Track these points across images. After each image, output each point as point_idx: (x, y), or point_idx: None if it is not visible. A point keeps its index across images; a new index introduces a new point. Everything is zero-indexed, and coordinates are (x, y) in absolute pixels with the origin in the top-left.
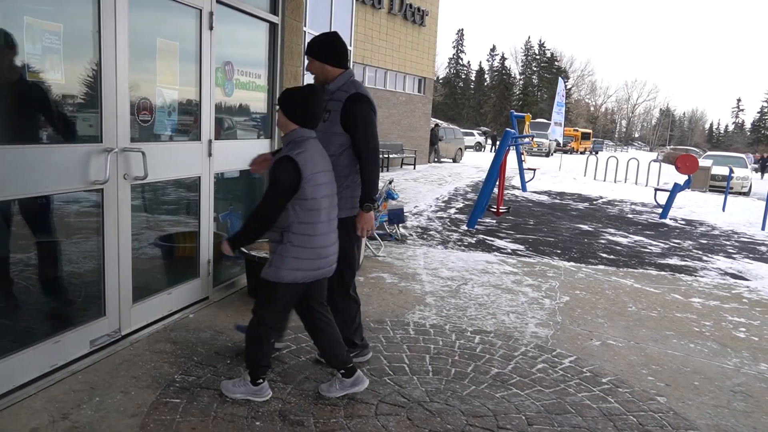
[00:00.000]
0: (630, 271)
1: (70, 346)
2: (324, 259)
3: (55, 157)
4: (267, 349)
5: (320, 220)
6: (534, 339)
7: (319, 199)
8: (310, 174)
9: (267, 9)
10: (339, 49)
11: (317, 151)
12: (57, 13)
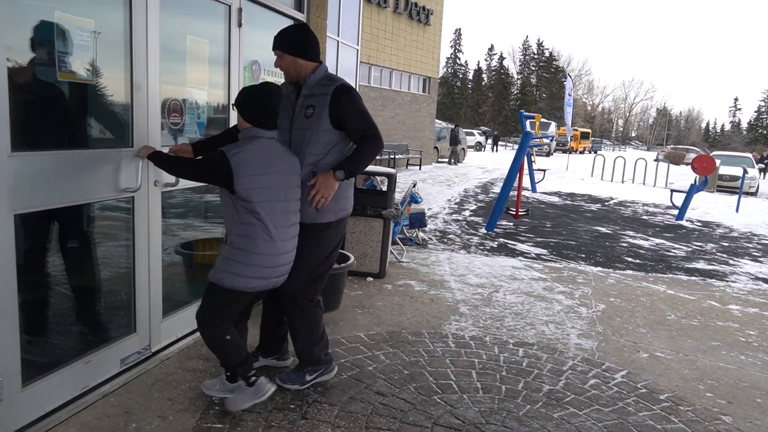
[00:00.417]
0: (659, 276)
1: (100, 366)
2: (269, 269)
3: (86, 164)
4: (232, 347)
5: (260, 224)
6: (579, 351)
7: (257, 203)
8: (244, 176)
9: (292, 6)
10: (313, 42)
11: (267, 151)
12: (87, 8)
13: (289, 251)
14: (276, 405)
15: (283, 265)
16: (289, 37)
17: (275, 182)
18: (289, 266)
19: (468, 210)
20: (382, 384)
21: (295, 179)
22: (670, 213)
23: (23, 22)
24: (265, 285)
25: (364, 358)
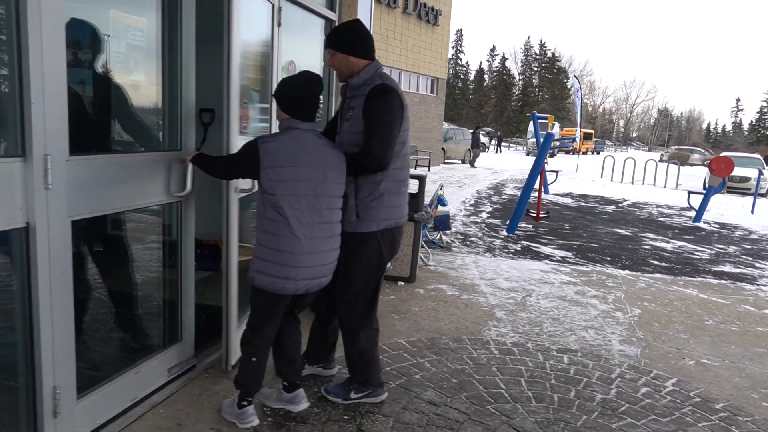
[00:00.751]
0: (689, 280)
1: (149, 376)
2: (294, 269)
3: (138, 168)
4: (251, 367)
5: (283, 220)
6: (625, 359)
7: (280, 196)
8: (269, 166)
9: (324, 4)
10: (365, 38)
11: (300, 143)
12: (138, 7)
13: (319, 252)
14: (330, 416)
15: (313, 266)
16: (339, 34)
17: (303, 176)
18: (323, 269)
19: (484, 212)
20: (432, 393)
21: (331, 175)
22: (685, 215)
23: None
24: (293, 287)
25: (410, 366)
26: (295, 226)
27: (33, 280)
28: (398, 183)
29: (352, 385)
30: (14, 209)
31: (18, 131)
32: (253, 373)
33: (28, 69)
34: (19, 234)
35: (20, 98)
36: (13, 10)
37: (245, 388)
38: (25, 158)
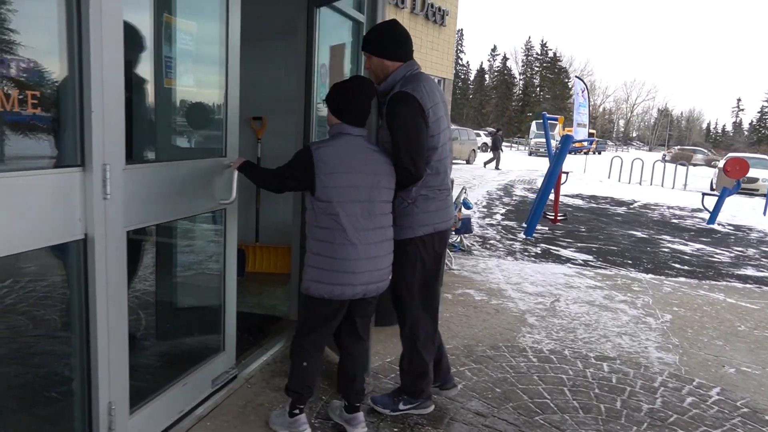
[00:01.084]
0: (714, 284)
1: (195, 389)
2: (351, 274)
3: (187, 176)
4: (302, 373)
5: (340, 227)
6: (664, 366)
7: (337, 203)
8: (324, 173)
9: (353, 6)
10: (398, 39)
11: (352, 149)
12: (189, 9)
13: (375, 257)
14: (377, 428)
15: (370, 271)
16: (372, 37)
17: (358, 182)
18: (379, 273)
19: (498, 213)
20: (477, 403)
21: (383, 181)
22: (698, 216)
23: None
24: (351, 292)
25: (451, 375)
26: (351, 233)
27: (90, 294)
28: (432, 189)
29: (402, 396)
30: (73, 220)
31: (77, 140)
32: (304, 379)
33: (89, 75)
34: (76, 246)
35: (80, 106)
36: (75, 17)
37: (297, 395)
38: (84, 168)
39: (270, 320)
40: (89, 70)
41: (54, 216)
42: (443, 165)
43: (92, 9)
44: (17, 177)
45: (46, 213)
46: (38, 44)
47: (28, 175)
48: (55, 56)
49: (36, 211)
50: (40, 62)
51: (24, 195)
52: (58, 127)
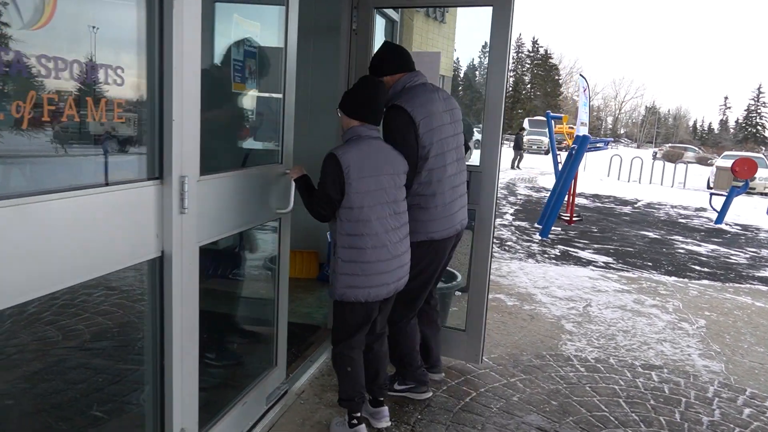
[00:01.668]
0: (738, 287)
1: (253, 407)
2: (386, 274)
3: (250, 185)
4: (349, 379)
5: (372, 232)
6: (713, 375)
7: (368, 207)
8: (355, 179)
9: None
10: (389, 55)
11: (374, 150)
12: (254, 12)
13: (401, 254)
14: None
15: (400, 267)
16: (373, 61)
17: (385, 183)
18: (404, 269)
19: (507, 213)
20: (537, 418)
21: (401, 178)
22: (703, 216)
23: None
24: (386, 291)
25: (502, 387)
26: (382, 236)
27: (166, 317)
28: (425, 198)
29: (397, 377)
30: (150, 237)
31: (155, 151)
32: (353, 385)
33: (171, 85)
34: (152, 264)
35: (159, 116)
36: (156, 28)
37: (351, 402)
38: (162, 181)
39: (308, 329)
40: (170, 79)
41: (133, 233)
42: (435, 175)
43: (175, 19)
44: (96, 194)
45: (126, 230)
46: (121, 54)
47: (108, 191)
48: (136, 65)
49: (115, 229)
50: (125, 72)
51: (104, 212)
52: (139, 137)
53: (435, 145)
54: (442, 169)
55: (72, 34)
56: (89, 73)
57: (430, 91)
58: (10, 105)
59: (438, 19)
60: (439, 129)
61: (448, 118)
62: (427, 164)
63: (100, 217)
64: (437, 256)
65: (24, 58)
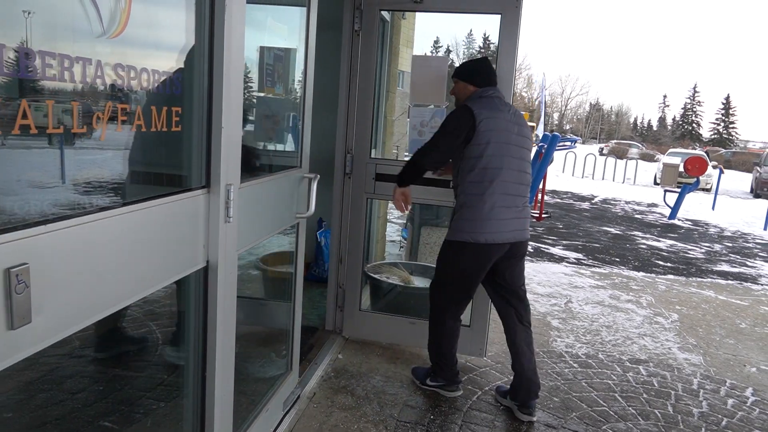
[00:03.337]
0: (700, 281)
1: (273, 414)
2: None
3: (275, 190)
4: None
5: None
6: (694, 368)
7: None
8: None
9: None
10: (482, 68)
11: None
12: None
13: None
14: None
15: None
16: (464, 66)
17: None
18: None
19: None
20: (542, 414)
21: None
22: (656, 211)
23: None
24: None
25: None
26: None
27: (209, 327)
28: (474, 197)
29: (430, 372)
30: (198, 247)
31: (203, 158)
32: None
33: (220, 92)
34: (196, 276)
35: (208, 121)
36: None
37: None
38: (209, 189)
39: (306, 331)
40: (220, 86)
41: (184, 244)
42: (488, 175)
43: (226, 23)
44: (156, 206)
45: (177, 241)
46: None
47: (164, 202)
48: (189, 72)
49: (168, 240)
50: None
51: (160, 224)
52: (190, 145)
53: (493, 145)
54: (497, 171)
55: (140, 42)
56: (154, 82)
57: (502, 104)
58: (92, 116)
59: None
60: (502, 132)
61: (515, 129)
62: (481, 162)
63: (157, 229)
64: (480, 261)
65: (105, 67)
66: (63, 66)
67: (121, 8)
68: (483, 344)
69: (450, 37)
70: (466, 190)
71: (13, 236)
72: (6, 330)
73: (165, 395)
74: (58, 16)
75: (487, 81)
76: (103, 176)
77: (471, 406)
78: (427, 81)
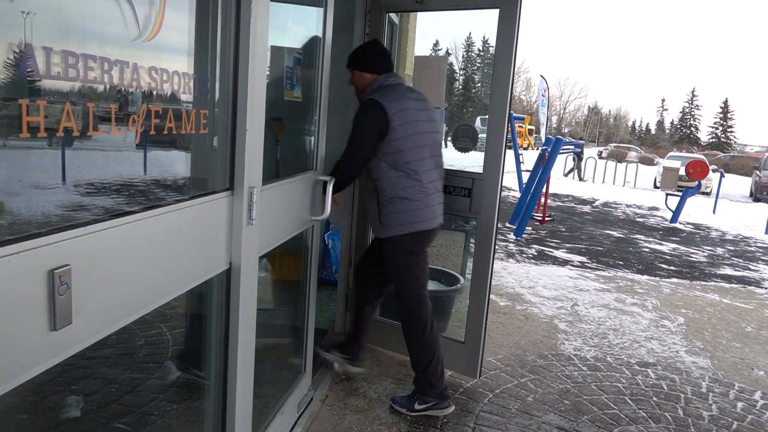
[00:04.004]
0: (704, 284)
1: (288, 416)
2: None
3: (294, 192)
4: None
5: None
6: (702, 371)
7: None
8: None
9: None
10: (375, 54)
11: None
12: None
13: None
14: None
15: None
16: (354, 52)
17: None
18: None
19: None
20: (554, 417)
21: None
22: (656, 215)
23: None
24: None
25: (515, 387)
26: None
27: (231, 329)
28: (405, 190)
29: (416, 395)
30: (221, 250)
31: (226, 160)
32: None
33: (245, 95)
34: (219, 278)
35: (232, 124)
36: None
37: None
38: (233, 191)
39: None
40: (245, 88)
41: (209, 247)
42: (413, 167)
43: (252, 33)
44: (184, 208)
45: (203, 244)
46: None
47: (191, 204)
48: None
49: (194, 243)
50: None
51: (187, 226)
52: (215, 147)
53: (410, 137)
54: (419, 162)
55: (171, 45)
56: (184, 85)
57: (406, 90)
58: (128, 119)
59: None
60: (415, 123)
61: (424, 115)
62: (402, 156)
63: (185, 231)
64: (423, 248)
65: (141, 71)
66: (103, 69)
67: (156, 11)
68: (477, 363)
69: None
70: (394, 184)
71: (56, 238)
72: (48, 331)
73: (177, 397)
74: (99, 20)
75: (386, 66)
76: (136, 178)
77: (483, 408)
78: (427, 81)
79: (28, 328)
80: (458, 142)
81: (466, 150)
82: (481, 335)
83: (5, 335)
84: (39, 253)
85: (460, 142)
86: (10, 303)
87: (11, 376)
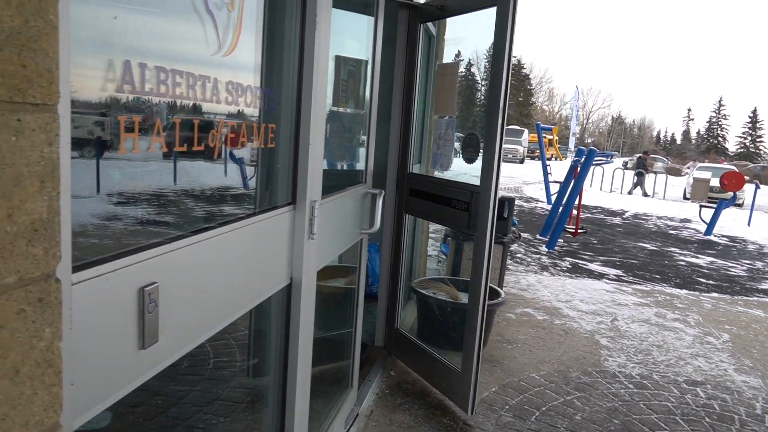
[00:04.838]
0: (746, 299)
1: (336, 431)
2: None
3: (344, 206)
4: None
5: None
6: (754, 391)
7: None
8: None
9: None
10: None
11: None
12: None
13: None
14: None
15: None
16: None
17: None
18: None
19: None
20: None
21: None
22: (689, 227)
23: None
24: None
25: (562, 406)
26: None
27: (291, 344)
28: None
29: None
30: (283, 265)
31: (289, 174)
32: None
33: (309, 109)
34: (280, 294)
35: (295, 138)
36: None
37: None
38: (295, 206)
39: None
40: (309, 102)
41: (273, 262)
42: None
43: (316, 48)
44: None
45: (267, 259)
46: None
47: (257, 220)
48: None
49: (259, 258)
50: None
51: (252, 241)
52: (280, 162)
53: None
54: None
55: (244, 60)
56: (256, 99)
57: None
58: (207, 134)
59: None
60: None
61: None
62: None
63: (253, 246)
64: None
65: (219, 85)
66: (188, 83)
67: (234, 25)
68: (468, 395)
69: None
70: None
71: (145, 255)
72: (137, 350)
73: (223, 410)
74: (185, 35)
75: None
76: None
77: (529, 427)
78: (443, 89)
79: (119, 347)
80: (464, 152)
81: (472, 160)
82: (473, 364)
83: (99, 355)
84: (131, 271)
85: (467, 152)
86: (104, 322)
87: (103, 397)
